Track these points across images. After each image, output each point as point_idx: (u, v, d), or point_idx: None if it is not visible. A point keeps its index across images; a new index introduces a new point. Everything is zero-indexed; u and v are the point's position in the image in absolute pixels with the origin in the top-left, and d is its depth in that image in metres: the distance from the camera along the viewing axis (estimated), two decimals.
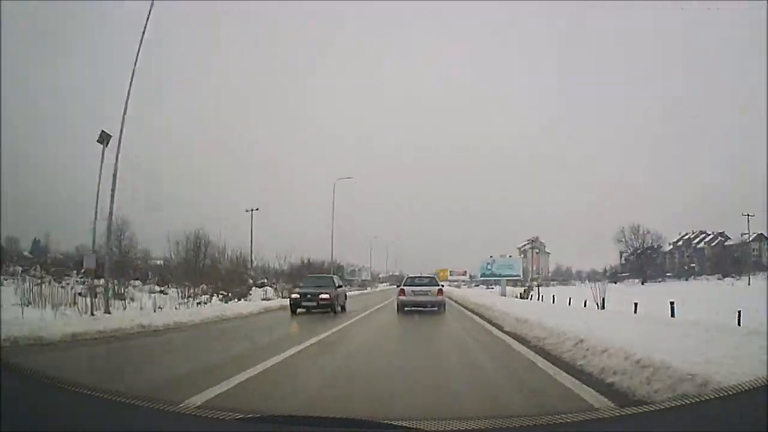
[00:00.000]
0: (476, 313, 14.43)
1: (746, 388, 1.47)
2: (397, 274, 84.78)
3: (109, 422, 1.42)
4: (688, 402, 1.55)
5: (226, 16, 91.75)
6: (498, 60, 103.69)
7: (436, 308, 14.39)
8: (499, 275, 37.74)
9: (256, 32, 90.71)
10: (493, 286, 63.19)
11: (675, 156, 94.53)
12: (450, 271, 68.12)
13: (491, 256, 39.55)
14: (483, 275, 39.42)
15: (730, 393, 1.45)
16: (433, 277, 17.22)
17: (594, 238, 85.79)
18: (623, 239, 67.37)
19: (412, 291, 14.75)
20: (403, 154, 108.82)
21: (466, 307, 17.80)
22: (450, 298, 21.66)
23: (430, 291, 14.72)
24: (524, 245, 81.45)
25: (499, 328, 10.10)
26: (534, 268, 78.51)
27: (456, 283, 66.30)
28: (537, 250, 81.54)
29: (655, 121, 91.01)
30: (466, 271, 69.37)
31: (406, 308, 14.43)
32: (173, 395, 3.86)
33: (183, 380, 4.97)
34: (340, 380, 5.15)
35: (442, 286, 16.08)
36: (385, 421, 1.72)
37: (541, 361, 5.88)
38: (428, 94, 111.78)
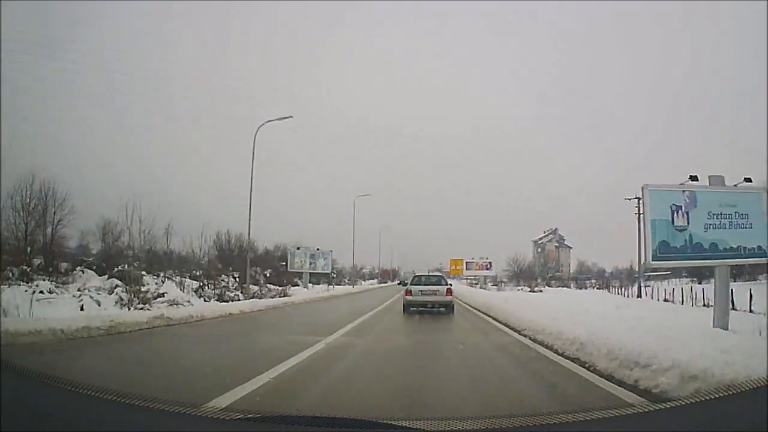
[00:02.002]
0: None
1: (746, 388, 1.46)
2: (392, 269, 71.68)
3: (107, 422, 1.46)
4: (687, 402, 1.53)
5: (231, 11, 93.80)
6: (498, 51, 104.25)
7: (444, 309, 14.31)
8: (715, 252, 7.84)
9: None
10: (547, 286, 45.97)
11: (680, 152, 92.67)
12: (466, 263, 48.69)
13: (692, 182, 8.17)
14: (659, 256, 7.67)
15: (730, 393, 1.44)
16: (441, 276, 17.15)
17: (606, 235, 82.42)
18: None
19: (420, 291, 14.60)
20: (399, 147, 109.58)
21: None
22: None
23: (438, 291, 14.52)
24: (542, 238, 73.99)
25: None
26: (552, 265, 68.99)
27: (475, 280, 49.09)
28: (557, 244, 75.38)
29: (663, 112, 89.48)
30: (490, 263, 48.52)
31: (412, 308, 14.36)
32: None
33: None
34: None
35: (450, 285, 15.79)
36: (386, 421, 1.74)
37: None
38: (431, 85, 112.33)
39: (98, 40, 55.29)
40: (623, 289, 37.14)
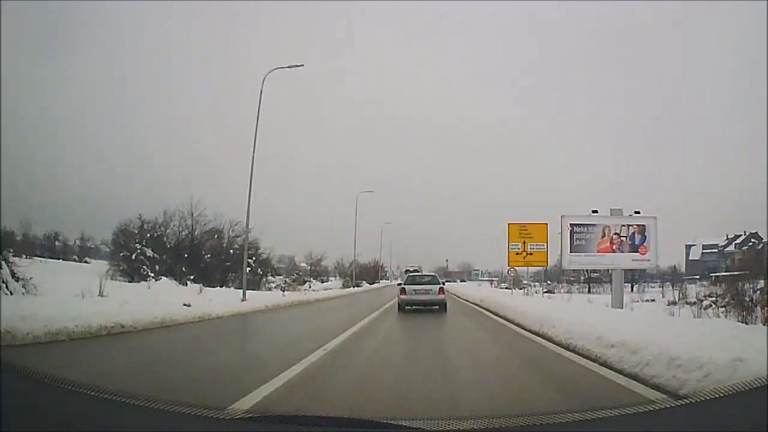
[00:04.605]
0: None
1: (746, 388, 1.43)
2: (375, 264, 62.29)
3: (106, 423, 1.49)
4: (686, 402, 1.50)
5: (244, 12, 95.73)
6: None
7: (437, 307, 14.69)
8: None
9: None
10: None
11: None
12: (574, 227, 17.80)
13: None
14: None
15: (730, 393, 1.42)
16: (434, 275, 17.53)
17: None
18: None
19: (413, 290, 15.04)
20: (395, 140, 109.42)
21: None
22: None
23: (431, 290, 14.98)
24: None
25: None
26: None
27: (525, 283, 29.06)
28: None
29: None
30: (644, 229, 17.55)
31: (407, 307, 14.75)
32: None
33: None
34: None
35: (443, 283, 16.18)
36: (386, 421, 1.74)
37: None
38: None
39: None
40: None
